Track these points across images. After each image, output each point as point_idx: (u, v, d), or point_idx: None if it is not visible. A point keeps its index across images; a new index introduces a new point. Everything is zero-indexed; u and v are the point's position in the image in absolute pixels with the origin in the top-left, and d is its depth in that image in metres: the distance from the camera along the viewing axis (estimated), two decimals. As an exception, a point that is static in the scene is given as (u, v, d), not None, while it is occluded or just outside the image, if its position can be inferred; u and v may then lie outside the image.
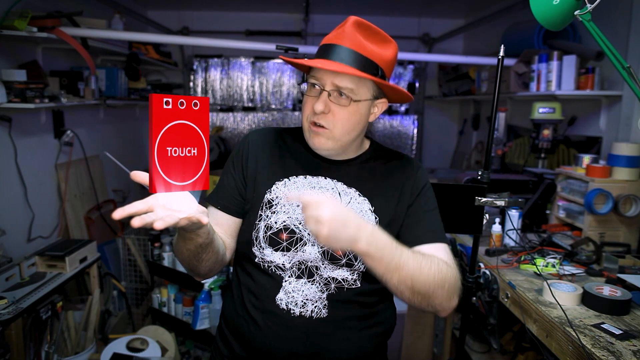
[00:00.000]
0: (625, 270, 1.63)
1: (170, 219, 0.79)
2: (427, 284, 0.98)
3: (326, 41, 1.08)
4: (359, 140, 1.15)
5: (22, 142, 2.36)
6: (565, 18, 1.19)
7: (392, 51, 1.09)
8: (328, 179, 1.13)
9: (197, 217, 0.85)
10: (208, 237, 0.97)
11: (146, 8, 4.25)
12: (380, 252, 0.92)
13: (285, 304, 1.07)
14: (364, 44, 1.04)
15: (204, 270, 1.08)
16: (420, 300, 0.99)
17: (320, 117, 1.05)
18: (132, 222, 0.75)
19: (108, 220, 3.18)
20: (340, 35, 1.05)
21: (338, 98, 1.05)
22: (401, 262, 0.94)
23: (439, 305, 1.02)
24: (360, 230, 0.89)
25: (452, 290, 1.03)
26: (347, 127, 1.06)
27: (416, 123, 4.80)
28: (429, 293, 0.99)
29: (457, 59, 3.86)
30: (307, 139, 1.10)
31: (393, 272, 0.94)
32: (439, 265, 1.01)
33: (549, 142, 2.41)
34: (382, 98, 1.12)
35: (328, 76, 1.04)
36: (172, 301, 2.47)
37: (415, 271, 0.96)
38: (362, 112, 1.08)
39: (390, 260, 0.93)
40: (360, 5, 4.06)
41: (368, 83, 1.06)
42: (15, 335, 1.76)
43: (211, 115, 4.65)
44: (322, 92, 1.05)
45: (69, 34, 2.29)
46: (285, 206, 1.10)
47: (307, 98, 1.09)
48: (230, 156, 1.21)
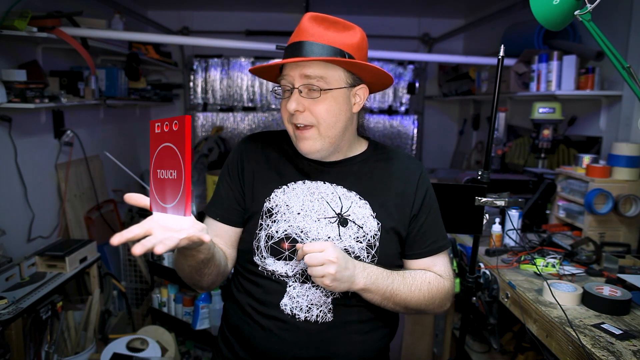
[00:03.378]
0: (625, 270, 1.63)
1: (171, 242, 0.78)
2: (419, 303, 1.08)
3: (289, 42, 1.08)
4: (349, 135, 1.12)
5: (22, 142, 2.36)
6: (565, 18, 1.19)
7: (357, 36, 1.06)
8: (327, 184, 1.11)
9: (198, 236, 0.84)
10: (209, 252, 0.96)
11: (146, 8, 4.25)
12: (376, 285, 1.01)
13: (290, 309, 1.06)
14: (324, 34, 1.03)
15: (207, 284, 1.07)
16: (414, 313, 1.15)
17: (298, 116, 1.04)
18: (132, 250, 0.72)
19: (108, 220, 3.18)
20: (299, 33, 1.05)
21: (310, 92, 1.03)
22: (394, 289, 1.04)
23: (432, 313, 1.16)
24: (356, 269, 0.98)
25: (443, 301, 1.13)
26: (329, 120, 1.04)
27: (416, 123, 4.80)
28: (421, 309, 1.11)
29: (457, 59, 3.86)
30: (295, 145, 1.09)
31: (389, 299, 1.04)
32: (430, 284, 1.10)
33: (549, 142, 2.41)
34: (359, 84, 1.09)
35: (295, 71, 1.03)
36: (172, 301, 2.47)
37: (407, 295, 1.06)
38: (340, 102, 1.05)
39: (385, 290, 1.03)
40: (360, 5, 4.06)
41: (339, 70, 1.04)
42: (15, 335, 1.75)
43: (211, 116, 4.65)
44: (293, 91, 1.04)
45: (69, 34, 2.29)
46: (285, 214, 1.08)
47: (283, 102, 1.08)
48: (225, 165, 1.19)
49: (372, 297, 1.03)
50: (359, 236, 1.07)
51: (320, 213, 1.08)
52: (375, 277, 1.01)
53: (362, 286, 0.99)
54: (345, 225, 1.08)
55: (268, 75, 1.17)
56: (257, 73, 1.14)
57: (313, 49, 1.01)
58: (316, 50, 1.01)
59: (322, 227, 1.07)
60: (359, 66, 1.04)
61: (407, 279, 1.07)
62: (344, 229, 1.07)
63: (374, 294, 1.01)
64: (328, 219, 1.08)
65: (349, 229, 1.07)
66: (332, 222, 1.08)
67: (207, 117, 4.65)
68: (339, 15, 1.08)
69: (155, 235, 0.77)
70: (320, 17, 1.05)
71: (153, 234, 0.77)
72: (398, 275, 1.06)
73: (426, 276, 1.11)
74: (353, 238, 1.07)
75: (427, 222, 1.14)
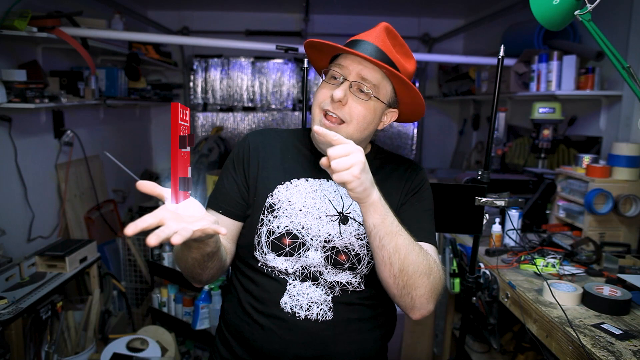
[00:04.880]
0: (625, 270, 1.63)
1: (186, 232, 0.75)
2: (416, 264, 0.96)
3: (354, 38, 1.07)
4: (364, 143, 1.13)
5: (22, 142, 2.36)
6: (565, 18, 1.19)
7: (413, 66, 1.09)
8: (330, 182, 1.12)
9: (213, 228, 0.81)
10: (216, 245, 0.95)
11: (146, 8, 4.25)
12: (386, 209, 0.94)
13: (290, 308, 1.05)
14: (391, 48, 1.05)
15: (206, 278, 1.06)
16: (404, 283, 0.97)
17: (337, 106, 1.02)
18: (148, 240, 0.70)
19: (108, 220, 3.18)
20: (370, 34, 1.06)
21: (358, 92, 1.03)
22: (400, 229, 0.96)
23: (419, 297, 0.99)
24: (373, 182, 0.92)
25: (435, 285, 1.00)
26: (362, 124, 1.04)
27: (416, 123, 4.80)
28: (415, 276, 0.97)
29: (457, 59, 3.86)
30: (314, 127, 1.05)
31: (392, 236, 0.94)
32: (427, 255, 1.01)
33: (549, 142, 2.41)
34: (394, 108, 1.11)
35: (354, 66, 1.02)
36: (172, 301, 2.47)
37: (409, 245, 0.96)
38: (377, 113, 1.06)
39: (392, 222, 0.94)
40: (360, 6, 4.06)
41: (388, 86, 1.06)
42: (15, 335, 1.75)
43: (211, 115, 4.65)
44: (344, 81, 1.03)
45: (69, 34, 2.29)
46: (287, 210, 1.08)
47: (325, 84, 1.07)
48: (229, 158, 1.18)
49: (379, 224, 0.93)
50: (359, 233, 1.08)
51: (322, 210, 1.08)
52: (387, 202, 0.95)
53: (376, 199, 0.92)
54: (345, 223, 1.08)
55: (318, 57, 1.15)
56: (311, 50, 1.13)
57: (379, 56, 1.02)
58: (381, 57, 1.02)
59: (323, 224, 1.07)
60: (410, 90, 1.05)
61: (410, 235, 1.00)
62: (344, 226, 1.08)
63: (382, 218, 0.93)
64: (329, 217, 1.08)
65: (349, 226, 1.08)
66: (333, 220, 1.08)
67: (207, 117, 4.65)
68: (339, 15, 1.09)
69: (169, 225, 0.74)
70: (393, 33, 1.07)
71: (166, 223, 0.75)
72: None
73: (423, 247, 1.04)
74: (353, 235, 1.08)
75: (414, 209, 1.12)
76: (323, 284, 1.06)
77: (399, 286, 0.97)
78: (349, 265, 1.06)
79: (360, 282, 1.08)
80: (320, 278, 1.06)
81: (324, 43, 1.05)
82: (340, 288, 1.07)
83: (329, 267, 1.06)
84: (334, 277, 1.06)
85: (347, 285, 1.07)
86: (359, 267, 1.07)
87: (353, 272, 1.07)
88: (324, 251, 1.06)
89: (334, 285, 1.07)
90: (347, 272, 1.07)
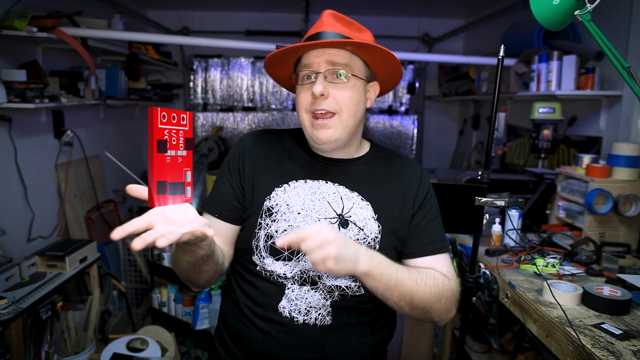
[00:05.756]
0: (625, 270, 1.63)
1: (173, 235, 0.74)
2: (425, 298, 1.00)
3: (307, 35, 1.08)
4: (360, 132, 1.13)
5: (22, 142, 2.36)
6: (565, 18, 1.19)
7: (370, 37, 1.09)
8: (329, 183, 1.09)
9: (202, 230, 0.81)
10: (210, 248, 0.93)
11: (146, 8, 4.25)
12: (380, 270, 0.94)
13: (289, 312, 1.04)
14: (343, 28, 1.05)
15: (203, 281, 1.05)
16: (419, 313, 1.03)
17: (321, 101, 1.02)
18: (132, 244, 0.69)
19: (108, 220, 3.18)
20: (320, 25, 1.06)
21: (335, 78, 1.03)
22: (399, 279, 0.97)
23: (437, 317, 1.06)
24: (358, 249, 0.91)
25: (449, 303, 1.06)
26: (351, 107, 1.04)
27: (416, 123, 4.80)
28: (427, 307, 1.02)
29: (457, 59, 3.86)
30: (310, 135, 1.06)
31: (393, 289, 0.96)
32: (436, 280, 1.03)
33: (549, 142, 2.41)
34: (373, 81, 1.12)
35: (319, 57, 1.03)
36: (172, 301, 2.47)
37: (412, 287, 0.99)
38: (360, 91, 1.06)
39: (389, 277, 0.95)
40: (360, 6, 4.06)
41: (359, 62, 1.06)
42: (15, 335, 1.75)
43: (211, 115, 4.66)
44: (317, 75, 1.03)
45: (69, 34, 2.29)
46: (285, 214, 1.06)
47: (302, 88, 1.07)
48: (225, 160, 1.16)
49: (376, 286, 0.94)
50: (359, 238, 1.06)
51: (321, 213, 1.07)
52: (379, 261, 0.94)
53: (366, 269, 0.90)
54: (346, 227, 1.06)
55: (280, 70, 1.15)
56: (271, 67, 1.13)
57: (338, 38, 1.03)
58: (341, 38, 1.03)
59: None
60: (378, 52, 1.04)
61: (412, 272, 1.01)
62: (344, 230, 1.06)
63: (378, 281, 0.93)
64: (329, 219, 1.06)
65: (349, 230, 1.06)
66: (332, 222, 1.06)
67: (207, 117, 4.65)
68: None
69: (157, 229, 0.73)
70: (339, 16, 1.07)
71: (155, 227, 0.74)
72: (402, 267, 1.00)
73: (431, 272, 1.05)
74: (353, 240, 1.05)
75: (425, 220, 1.12)
76: (322, 288, 1.05)
77: (415, 315, 1.03)
78: None
79: (359, 286, 1.06)
80: (319, 282, 1.05)
81: (282, 50, 1.05)
82: (339, 292, 1.06)
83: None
84: (333, 282, 1.05)
85: (347, 289, 1.06)
86: None
87: (352, 276, 1.05)
88: None
89: (332, 290, 1.05)
90: (347, 277, 1.06)
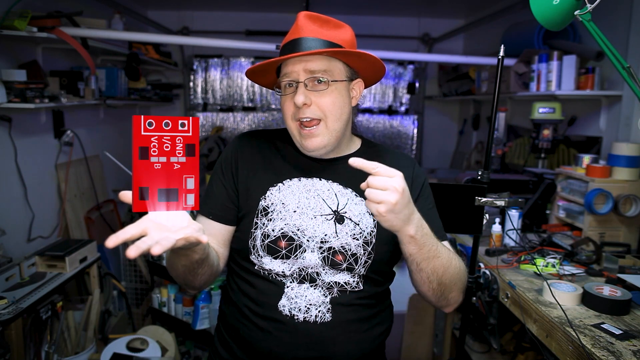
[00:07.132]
0: (625, 270, 1.63)
1: (167, 242, 0.75)
2: (453, 275, 1.03)
3: (285, 41, 1.08)
4: (349, 130, 1.14)
5: (22, 142, 2.36)
6: (565, 18, 1.19)
7: (348, 33, 1.09)
8: (323, 180, 1.11)
9: (195, 236, 0.81)
10: (204, 252, 0.94)
11: (146, 8, 4.25)
12: (424, 239, 0.95)
13: (289, 310, 1.05)
14: (319, 31, 1.05)
15: (199, 284, 1.05)
16: (440, 292, 1.04)
17: (305, 110, 1.03)
18: (127, 252, 0.69)
19: (108, 220, 3.18)
20: (296, 31, 1.06)
21: (315, 85, 1.03)
22: (438, 251, 0.98)
23: (452, 298, 1.08)
24: (413, 213, 0.92)
25: (464, 284, 1.09)
26: (335, 112, 1.05)
27: (416, 123, 4.80)
28: (451, 285, 1.04)
29: (457, 59, 3.86)
30: (299, 143, 1.08)
31: (430, 260, 0.97)
32: (458, 260, 1.06)
33: (549, 142, 2.41)
34: (356, 79, 1.11)
35: (299, 66, 1.03)
36: (172, 301, 2.47)
37: (446, 262, 1.00)
38: (343, 94, 1.07)
39: (430, 248, 0.96)
40: (360, 6, 4.06)
41: (339, 64, 1.06)
42: (15, 335, 1.75)
43: (211, 115, 4.66)
44: (298, 85, 1.04)
45: (69, 34, 2.29)
46: (281, 213, 1.07)
47: (285, 98, 1.07)
48: (217, 162, 1.17)
49: (416, 253, 0.95)
50: (355, 233, 1.07)
51: (317, 210, 1.08)
52: (425, 232, 0.95)
53: (412, 233, 0.91)
54: (341, 223, 1.07)
55: (264, 79, 1.16)
56: (253, 77, 1.14)
57: (314, 45, 1.03)
58: (317, 45, 1.03)
59: (319, 224, 1.07)
60: (359, 56, 1.05)
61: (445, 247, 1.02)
62: (340, 226, 1.07)
63: (420, 248, 0.94)
64: (324, 216, 1.07)
65: (345, 226, 1.07)
66: (328, 219, 1.07)
67: (207, 117, 4.65)
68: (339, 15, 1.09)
69: (151, 236, 0.74)
70: (315, 16, 1.07)
71: (149, 234, 0.74)
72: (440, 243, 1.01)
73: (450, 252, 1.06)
74: (350, 235, 1.07)
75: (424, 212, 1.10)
76: (321, 285, 1.06)
77: (436, 295, 1.04)
78: (346, 265, 1.06)
79: (358, 282, 1.07)
80: (318, 279, 1.06)
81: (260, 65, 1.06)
82: (338, 289, 1.06)
83: (327, 268, 1.06)
84: (332, 278, 1.06)
85: (346, 285, 1.07)
86: (356, 267, 1.07)
87: (351, 272, 1.06)
88: (321, 252, 1.05)
89: (332, 286, 1.06)
90: (345, 273, 1.06)
